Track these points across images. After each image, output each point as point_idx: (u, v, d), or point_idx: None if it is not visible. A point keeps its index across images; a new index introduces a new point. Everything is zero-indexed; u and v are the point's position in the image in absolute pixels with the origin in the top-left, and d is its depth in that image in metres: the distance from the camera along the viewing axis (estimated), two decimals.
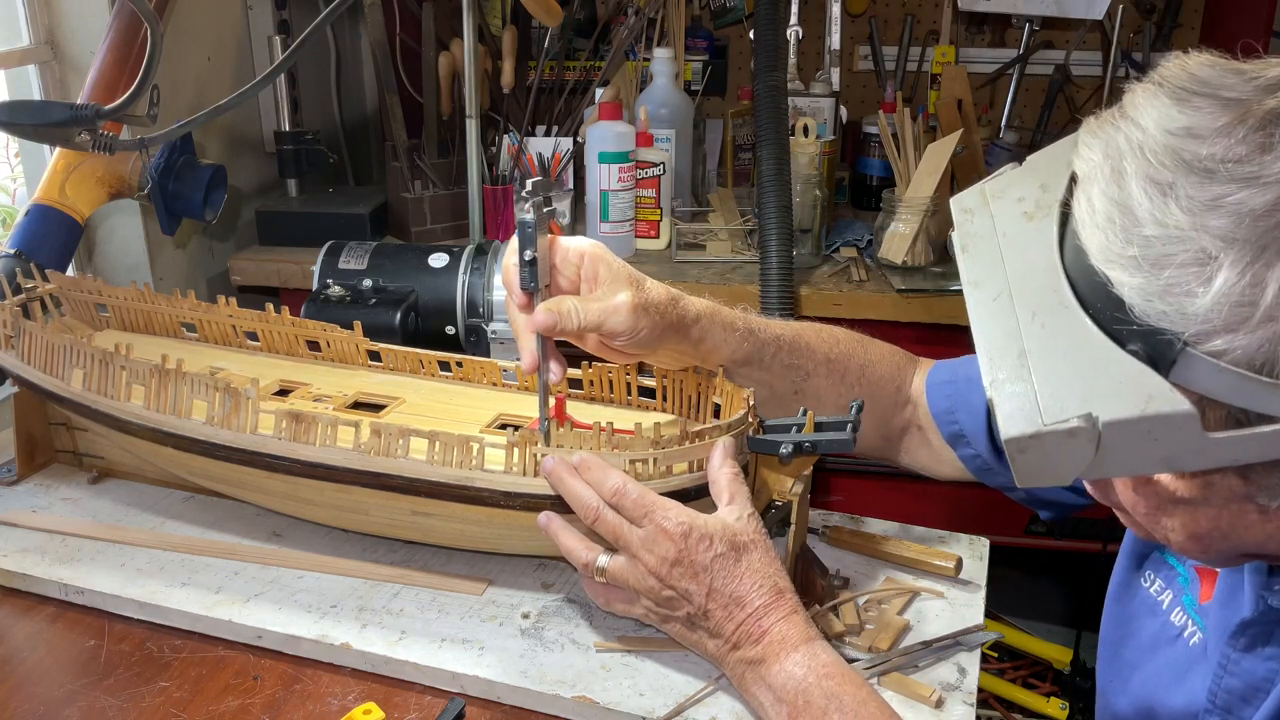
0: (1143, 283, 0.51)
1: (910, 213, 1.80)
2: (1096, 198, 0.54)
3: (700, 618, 0.82)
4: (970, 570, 1.04)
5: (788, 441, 0.89)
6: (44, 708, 0.86)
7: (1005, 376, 0.54)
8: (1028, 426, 0.52)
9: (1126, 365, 0.51)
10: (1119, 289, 0.52)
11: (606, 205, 1.84)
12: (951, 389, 1.01)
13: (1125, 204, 0.52)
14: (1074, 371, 0.52)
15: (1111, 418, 0.51)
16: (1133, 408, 0.50)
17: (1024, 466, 0.54)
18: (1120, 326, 0.52)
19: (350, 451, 0.94)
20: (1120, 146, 0.54)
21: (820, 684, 0.77)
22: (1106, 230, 0.53)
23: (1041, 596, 2.46)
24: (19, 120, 1.10)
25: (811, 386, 0.98)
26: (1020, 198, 0.59)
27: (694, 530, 0.81)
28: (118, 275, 1.75)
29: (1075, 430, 0.51)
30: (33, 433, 1.18)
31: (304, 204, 2.01)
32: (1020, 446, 0.53)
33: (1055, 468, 0.53)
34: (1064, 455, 0.52)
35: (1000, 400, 0.54)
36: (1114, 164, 0.54)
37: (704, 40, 2.34)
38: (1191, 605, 0.80)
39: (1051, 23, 2.31)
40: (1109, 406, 0.51)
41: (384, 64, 1.97)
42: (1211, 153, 0.50)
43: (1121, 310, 0.52)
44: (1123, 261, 0.52)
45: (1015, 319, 0.55)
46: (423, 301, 1.42)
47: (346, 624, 0.94)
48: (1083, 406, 0.51)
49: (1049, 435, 0.52)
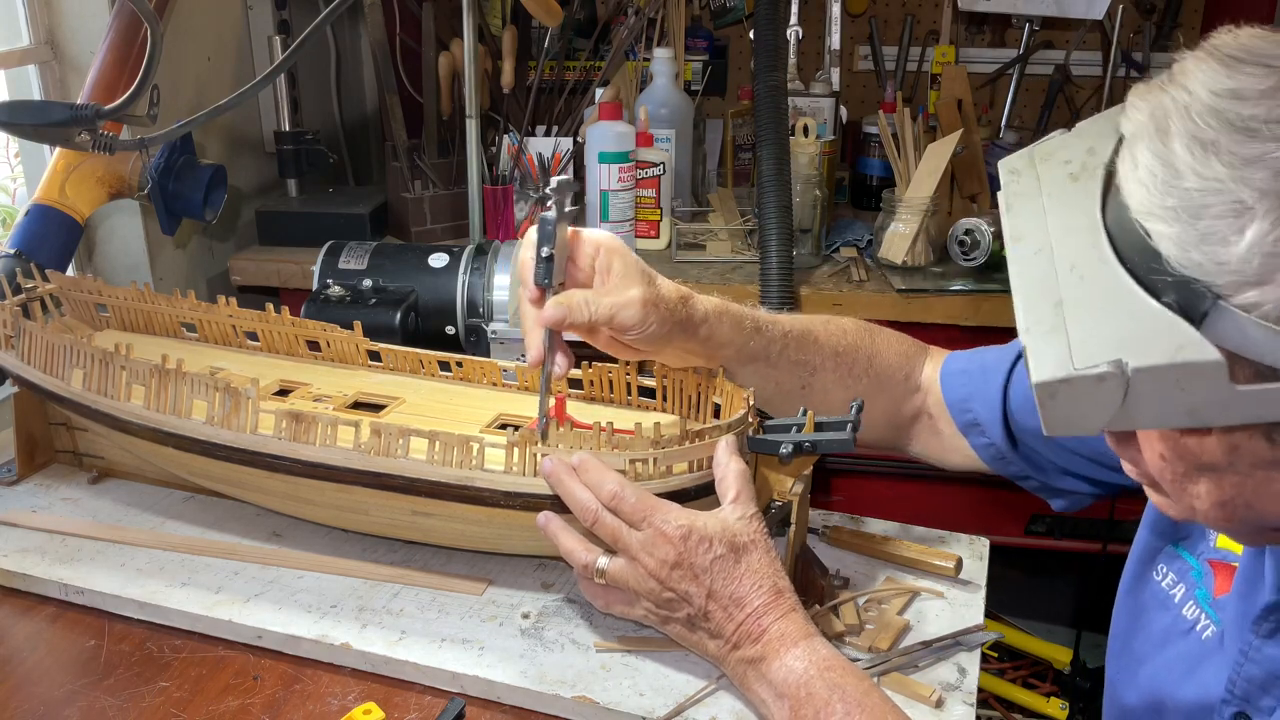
0: (1179, 232, 0.52)
1: (910, 213, 1.80)
2: (1141, 154, 0.55)
3: (700, 619, 0.82)
4: (970, 570, 1.04)
5: (788, 441, 0.89)
6: (44, 708, 0.86)
7: (1039, 324, 0.55)
8: (1059, 371, 0.53)
9: (1159, 315, 0.52)
10: (1156, 240, 0.53)
11: (606, 205, 1.84)
12: (966, 378, 1.01)
13: (1168, 159, 0.54)
14: (1107, 321, 0.53)
15: (1141, 364, 0.52)
16: (1162, 355, 0.51)
17: (1053, 413, 0.55)
18: (1156, 277, 0.53)
19: (350, 451, 0.94)
20: (1167, 107, 0.55)
21: (822, 676, 0.77)
22: (1148, 184, 0.54)
23: (1041, 596, 2.46)
24: (19, 120, 1.10)
25: (819, 381, 0.98)
26: (1067, 160, 0.60)
27: (693, 533, 0.81)
28: (118, 275, 1.75)
29: (1104, 376, 0.52)
30: (33, 433, 1.18)
31: (304, 204, 2.01)
32: (1050, 391, 0.54)
33: (1083, 415, 0.54)
34: (1092, 402, 0.53)
35: (1033, 346, 0.55)
36: (1159, 123, 0.55)
37: (704, 40, 2.34)
38: (1205, 599, 0.80)
39: (1051, 23, 2.30)
40: (1139, 354, 0.52)
41: (384, 64, 1.97)
42: (1255, 113, 0.52)
43: (1158, 261, 0.53)
44: (1161, 213, 0.53)
45: (1054, 271, 0.57)
46: (423, 301, 1.42)
47: (346, 624, 0.94)
48: (1113, 353, 0.52)
49: (1079, 380, 0.53)
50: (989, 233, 1.74)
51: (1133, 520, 2.01)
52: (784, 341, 0.96)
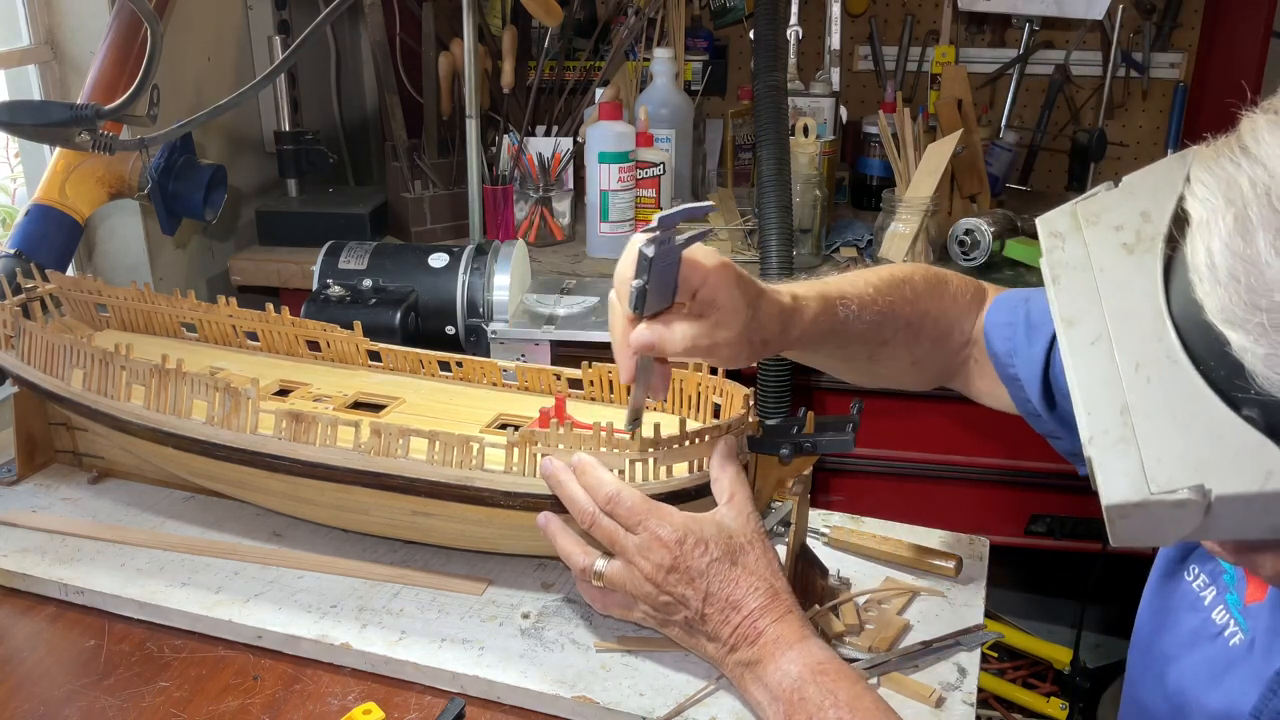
0: (1268, 351, 0.47)
1: (910, 213, 1.80)
2: (1218, 251, 0.48)
3: (698, 622, 0.82)
4: (970, 570, 1.04)
5: (788, 441, 0.89)
6: (44, 708, 0.86)
7: (1105, 434, 0.50)
8: (1133, 495, 0.49)
9: (1244, 434, 0.47)
10: (1239, 354, 0.47)
11: (606, 205, 1.84)
12: (1010, 331, 0.95)
13: (1253, 261, 0.47)
14: (1184, 436, 0.48)
15: (1226, 492, 0.47)
16: (1251, 483, 0.47)
17: (1123, 530, 0.51)
18: (1238, 393, 0.48)
19: (350, 451, 0.94)
20: (1244, 191, 0.48)
21: (815, 680, 0.77)
22: (1230, 288, 0.48)
23: (1041, 596, 2.46)
24: (19, 120, 1.10)
25: (885, 352, 0.95)
26: (1118, 226, 0.54)
27: (689, 536, 0.81)
28: (118, 275, 1.75)
29: (1185, 502, 0.48)
30: (33, 433, 1.18)
31: (304, 204, 2.01)
32: (1123, 513, 0.50)
33: (1157, 533, 0.50)
34: (1169, 523, 0.49)
35: (1101, 460, 0.50)
36: (1237, 211, 0.48)
37: (704, 40, 2.34)
38: (1236, 605, 0.77)
39: (1051, 23, 2.31)
40: (1224, 479, 0.47)
41: (384, 64, 1.97)
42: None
43: (1241, 376, 0.48)
44: (1246, 326, 0.47)
45: (1116, 368, 0.51)
46: (423, 301, 1.42)
47: (346, 624, 0.94)
48: (1194, 477, 0.48)
49: (1155, 505, 0.48)
50: (989, 233, 1.75)
51: None
52: (862, 323, 0.91)
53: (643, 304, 0.78)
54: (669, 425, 0.88)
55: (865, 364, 0.96)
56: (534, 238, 1.94)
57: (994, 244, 1.74)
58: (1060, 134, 2.40)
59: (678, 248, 0.78)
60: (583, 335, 1.43)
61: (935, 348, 0.97)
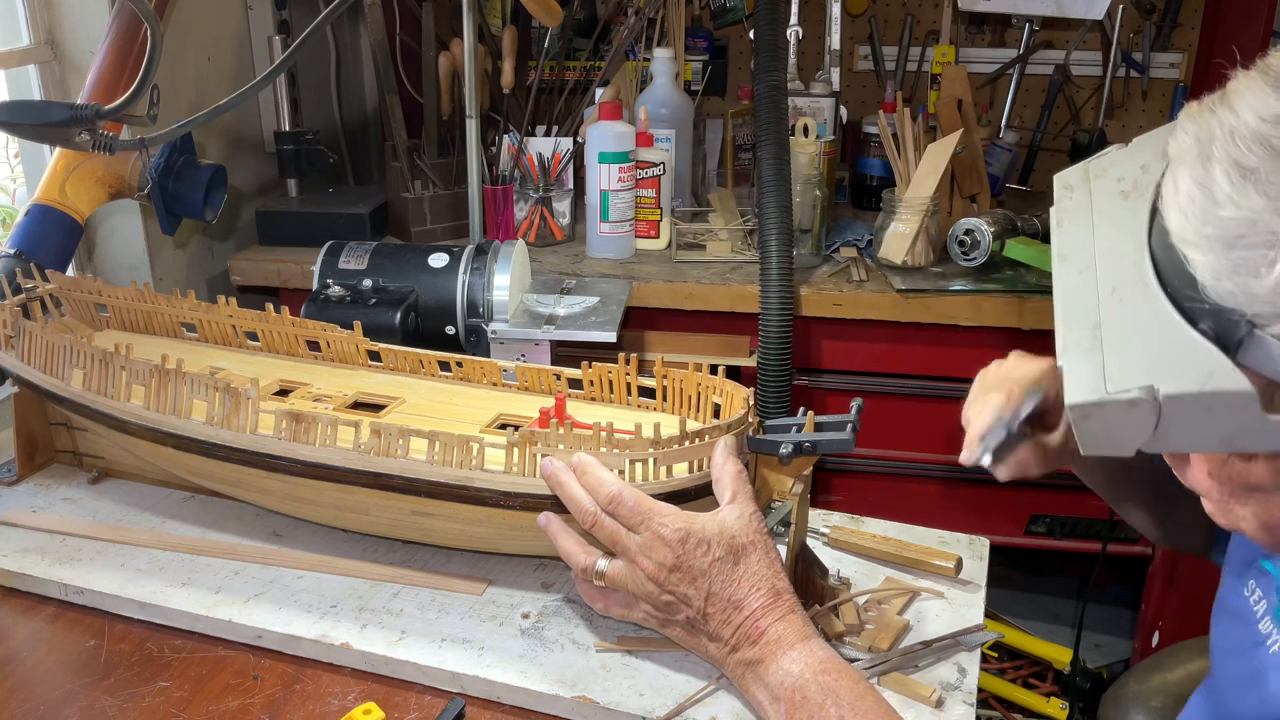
0: (1213, 261, 0.52)
1: (910, 213, 1.80)
2: (1182, 179, 0.55)
3: (700, 621, 0.82)
4: (970, 570, 1.04)
5: (788, 441, 0.89)
6: (44, 708, 0.86)
7: (1077, 345, 0.57)
8: (1091, 394, 0.55)
9: (1194, 343, 0.53)
10: (1193, 268, 0.53)
11: (606, 205, 1.84)
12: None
13: (1207, 186, 0.53)
14: (1142, 346, 0.54)
15: (1172, 391, 0.52)
16: (1193, 383, 0.52)
17: (1087, 433, 0.56)
18: (1192, 305, 0.53)
19: (350, 451, 0.94)
20: (1213, 130, 0.54)
21: (816, 679, 0.77)
22: (1187, 210, 0.54)
23: (1041, 596, 2.46)
24: (19, 120, 1.10)
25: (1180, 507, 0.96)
26: (1120, 177, 0.60)
27: (691, 536, 0.81)
28: (118, 275, 1.75)
29: (1136, 401, 0.53)
30: (33, 433, 1.18)
31: (304, 204, 2.01)
32: (1084, 413, 0.55)
33: (1117, 438, 0.55)
34: (1125, 426, 0.54)
35: (1069, 367, 0.56)
36: (1203, 147, 0.54)
37: (704, 40, 2.34)
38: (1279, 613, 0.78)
39: (1051, 23, 2.30)
40: (1171, 380, 0.52)
41: (384, 64, 1.97)
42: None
43: (1194, 288, 0.53)
44: (1198, 240, 0.53)
45: (1096, 292, 0.57)
46: (423, 301, 1.42)
47: (346, 624, 0.94)
48: (1145, 379, 0.53)
49: (1111, 404, 0.54)
50: (989, 233, 1.75)
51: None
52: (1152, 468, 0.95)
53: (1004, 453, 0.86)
54: (669, 425, 0.88)
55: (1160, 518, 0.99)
56: (534, 238, 1.94)
57: (994, 244, 1.74)
58: (1060, 134, 2.39)
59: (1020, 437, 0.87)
60: (583, 335, 1.43)
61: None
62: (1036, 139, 2.37)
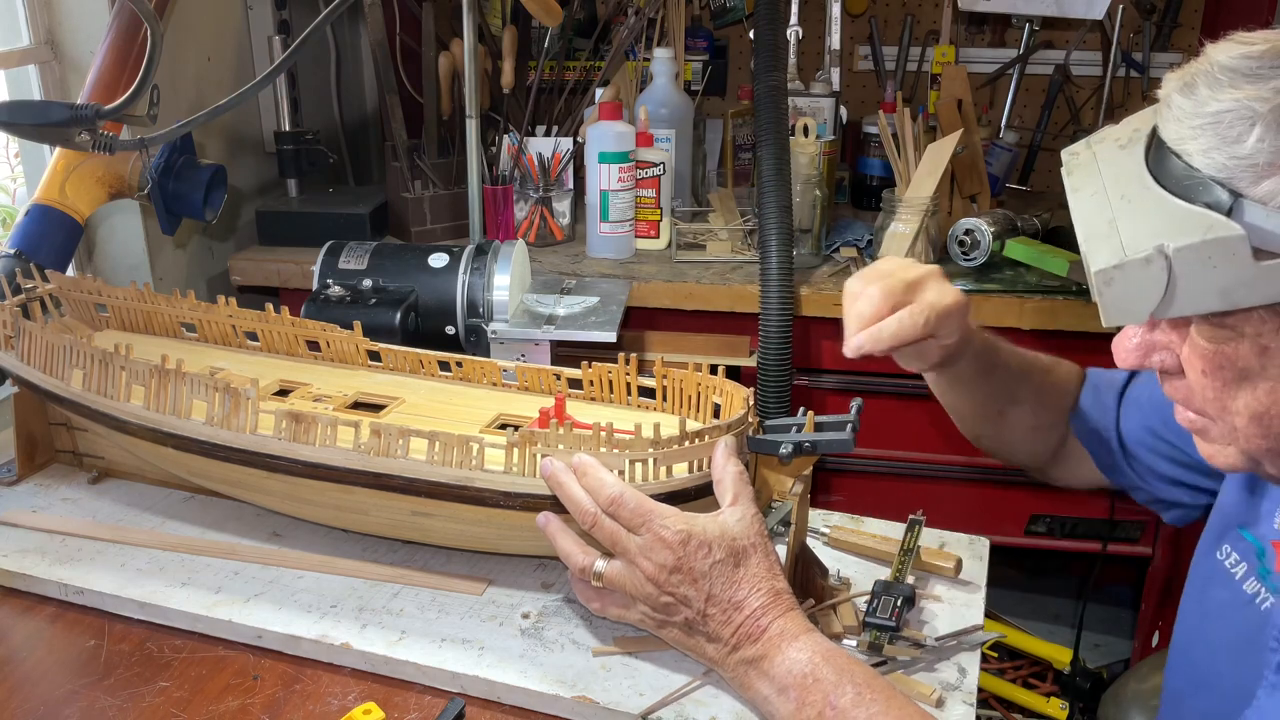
0: (1204, 141, 0.64)
1: (910, 213, 1.79)
2: (1175, 101, 0.67)
3: (699, 622, 0.82)
4: (970, 570, 1.04)
5: (788, 441, 0.89)
6: (44, 708, 0.86)
7: (1096, 234, 0.68)
8: (1112, 259, 0.65)
9: (1193, 211, 0.63)
10: (1188, 158, 0.65)
11: (606, 205, 1.84)
12: (1092, 393, 1.09)
13: (1195, 97, 0.66)
14: (1150, 223, 0.65)
15: (1179, 244, 0.63)
16: (1196, 235, 0.62)
17: (1109, 300, 0.66)
18: (1189, 183, 0.64)
19: (350, 451, 0.94)
20: (1193, 70, 0.68)
21: (828, 662, 0.78)
22: (1180, 118, 0.66)
23: (1041, 596, 2.46)
24: (19, 120, 1.10)
25: (1016, 412, 1.07)
26: (1117, 137, 0.73)
27: (692, 538, 0.82)
28: (118, 275, 1.75)
29: (1150, 258, 0.63)
30: (33, 433, 1.18)
31: (304, 204, 2.01)
32: (1107, 279, 0.65)
33: (1135, 300, 0.65)
34: (1142, 285, 0.64)
35: (1091, 247, 0.67)
36: (1187, 80, 0.67)
37: (704, 40, 2.34)
38: (1266, 574, 0.84)
39: (1051, 23, 2.30)
40: (1177, 238, 0.63)
41: (384, 64, 1.97)
42: (1260, 63, 0.65)
43: (1189, 173, 0.64)
44: (1191, 133, 0.65)
45: (1108, 201, 0.69)
46: (423, 301, 1.42)
47: (346, 624, 0.94)
48: (1156, 240, 0.63)
49: (1130, 264, 0.64)
50: (989, 233, 1.74)
51: (1133, 521, 2.02)
52: (1009, 372, 1.04)
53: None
54: (669, 425, 0.88)
55: (995, 418, 1.09)
56: (534, 238, 1.94)
57: (994, 244, 1.74)
58: (1060, 134, 2.39)
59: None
60: (583, 335, 1.43)
61: (1056, 422, 1.09)
62: (1036, 139, 2.36)
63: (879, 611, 0.92)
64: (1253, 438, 0.71)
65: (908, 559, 0.99)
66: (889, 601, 0.92)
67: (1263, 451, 0.72)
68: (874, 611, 0.92)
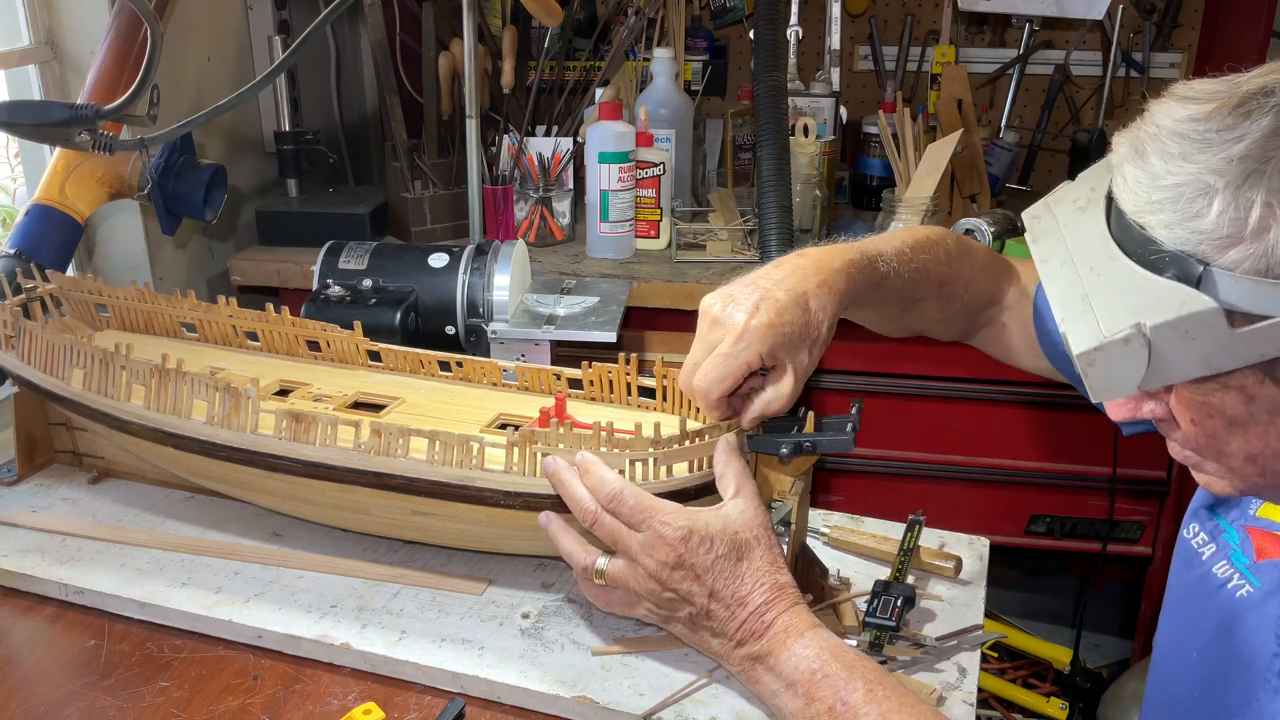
0: (1165, 216, 0.64)
1: (910, 213, 1.80)
2: (1128, 172, 0.68)
3: (702, 618, 0.83)
4: (970, 570, 1.04)
5: (788, 441, 0.89)
6: (44, 708, 0.86)
7: (1072, 313, 0.68)
8: (1092, 341, 0.65)
9: (1164, 285, 0.64)
10: (1150, 230, 0.65)
11: (606, 205, 1.84)
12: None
13: (1149, 170, 0.66)
14: (1124, 300, 0.65)
15: (1155, 322, 0.63)
16: (1171, 312, 0.63)
17: (1094, 379, 0.66)
18: (1155, 258, 0.64)
19: (350, 451, 0.94)
20: (1141, 136, 0.68)
21: (836, 658, 0.78)
22: (1137, 190, 0.66)
23: (1041, 596, 2.46)
24: (19, 120, 1.10)
25: (918, 309, 1.03)
26: (1075, 199, 0.74)
27: (694, 534, 0.82)
28: (118, 275, 1.75)
29: (1129, 337, 0.64)
30: (33, 433, 1.18)
31: (304, 204, 2.01)
32: (1089, 360, 0.66)
33: (1120, 377, 0.65)
34: (1124, 363, 0.65)
35: (1069, 329, 0.68)
36: (1138, 148, 0.68)
37: (704, 40, 2.34)
38: (1241, 562, 0.85)
39: (1051, 23, 2.30)
40: (1152, 315, 0.63)
41: (384, 64, 1.97)
42: (1208, 128, 0.65)
43: (1154, 246, 0.65)
44: (1150, 207, 0.65)
45: (1077, 275, 0.69)
46: (423, 301, 1.42)
47: (346, 624, 0.94)
48: (1133, 319, 0.64)
49: (1110, 345, 0.64)
50: (989, 233, 1.75)
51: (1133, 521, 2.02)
52: (900, 280, 0.99)
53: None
54: (669, 425, 0.88)
55: (898, 318, 1.05)
56: (534, 238, 1.94)
57: (994, 244, 1.74)
58: (1060, 134, 2.39)
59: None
60: (583, 335, 1.43)
61: (964, 308, 1.07)
62: (1036, 139, 2.36)
63: (879, 611, 0.92)
64: (1250, 476, 0.72)
65: (908, 559, 0.99)
66: (889, 601, 0.92)
67: (1261, 486, 0.73)
68: (874, 611, 0.92)
